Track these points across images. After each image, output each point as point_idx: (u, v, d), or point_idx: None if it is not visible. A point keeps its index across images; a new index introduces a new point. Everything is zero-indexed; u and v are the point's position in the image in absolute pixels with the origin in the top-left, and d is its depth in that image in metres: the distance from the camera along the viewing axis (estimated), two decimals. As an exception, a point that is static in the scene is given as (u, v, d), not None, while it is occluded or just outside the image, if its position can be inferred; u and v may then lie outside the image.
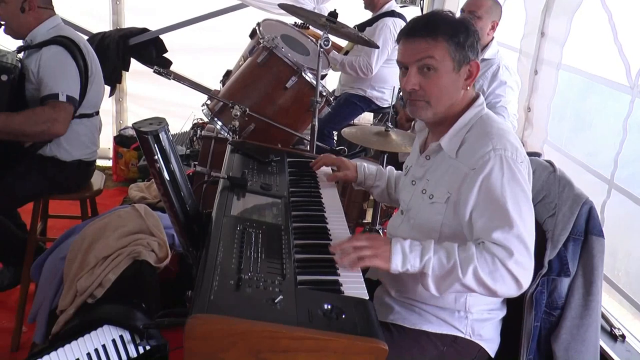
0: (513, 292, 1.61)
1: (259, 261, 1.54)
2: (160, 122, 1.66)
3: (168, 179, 1.66)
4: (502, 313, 1.87)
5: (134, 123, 1.64)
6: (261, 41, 2.96)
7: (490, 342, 1.85)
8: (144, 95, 5.16)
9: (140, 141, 1.62)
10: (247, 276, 1.45)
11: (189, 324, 1.28)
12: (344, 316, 1.39)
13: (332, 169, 2.31)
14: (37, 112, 2.73)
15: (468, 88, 1.76)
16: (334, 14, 2.83)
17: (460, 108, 1.78)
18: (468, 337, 1.80)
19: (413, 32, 1.72)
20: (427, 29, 1.70)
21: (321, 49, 2.77)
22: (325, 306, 1.41)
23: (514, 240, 1.58)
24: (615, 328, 2.41)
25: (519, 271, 1.57)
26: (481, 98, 1.81)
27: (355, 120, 4.70)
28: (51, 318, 2.40)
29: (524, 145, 3.61)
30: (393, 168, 2.28)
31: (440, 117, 1.78)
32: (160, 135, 1.61)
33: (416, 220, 1.82)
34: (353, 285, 1.56)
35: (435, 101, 1.73)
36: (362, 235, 1.70)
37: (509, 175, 1.63)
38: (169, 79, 2.74)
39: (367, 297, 1.52)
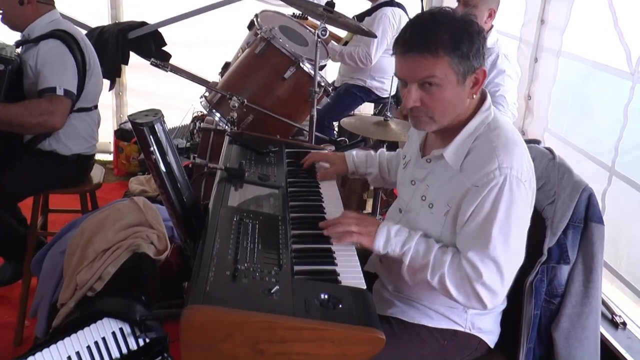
0: (477, 308, 1.64)
1: (255, 252, 1.54)
2: (156, 113, 1.66)
3: (164, 170, 1.66)
4: (503, 306, 1.85)
5: (130, 115, 1.63)
6: (259, 32, 2.95)
7: (490, 334, 1.84)
8: (144, 89, 5.15)
9: (135, 133, 1.62)
10: (243, 267, 1.45)
11: (185, 315, 1.28)
12: (340, 306, 1.39)
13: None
14: (34, 104, 2.73)
15: (474, 96, 1.65)
16: (331, 4, 2.82)
17: (466, 115, 1.68)
18: (468, 331, 1.79)
19: (410, 47, 1.56)
20: (425, 44, 1.54)
21: (319, 39, 2.75)
22: (322, 296, 1.41)
23: (488, 262, 1.56)
24: (616, 315, 2.40)
25: (485, 293, 1.58)
26: (488, 101, 1.70)
27: (355, 111, 4.68)
28: (52, 312, 2.40)
29: (524, 134, 3.62)
30: (384, 150, 2.24)
31: (446, 126, 1.68)
32: (155, 126, 1.61)
33: (416, 226, 1.75)
34: (351, 275, 1.55)
35: (440, 116, 1.63)
36: (353, 213, 1.74)
37: (508, 196, 1.56)
38: (166, 71, 2.73)
39: (365, 287, 1.51)
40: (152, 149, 1.61)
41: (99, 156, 4.86)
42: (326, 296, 1.41)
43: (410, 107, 1.63)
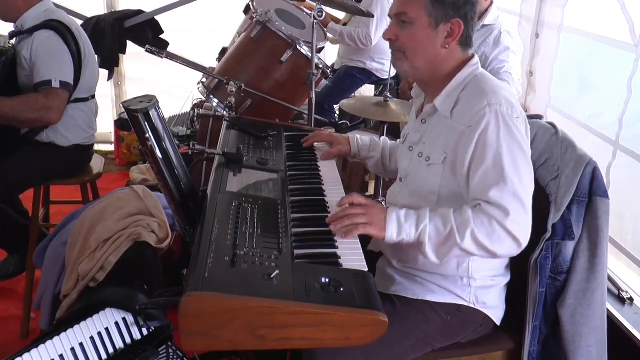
0: (513, 251, 1.61)
1: (255, 236, 1.51)
2: (151, 99, 1.64)
3: (161, 157, 1.64)
4: (506, 279, 1.84)
5: (124, 102, 1.62)
6: (254, 16, 2.92)
7: (494, 309, 1.82)
8: (143, 78, 5.11)
9: (131, 120, 1.61)
10: (242, 252, 1.43)
11: (184, 302, 1.26)
12: (342, 289, 1.37)
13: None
14: (31, 99, 2.71)
15: (447, 47, 1.71)
16: (327, -15, 2.77)
17: (451, 68, 1.74)
18: (472, 306, 1.78)
19: None
20: None
21: (315, 21, 2.71)
22: (323, 279, 1.38)
23: (510, 199, 1.56)
24: (622, 291, 2.37)
25: (517, 230, 1.56)
26: (476, 58, 1.77)
27: (356, 93, 4.64)
28: (55, 304, 2.40)
29: (527, 111, 3.58)
30: (387, 138, 2.25)
31: (423, 73, 1.76)
32: (150, 112, 1.59)
33: (414, 186, 1.80)
34: (352, 257, 1.53)
35: (411, 54, 1.73)
36: (358, 197, 1.69)
37: (505, 130, 1.60)
38: (162, 57, 2.70)
39: (367, 269, 1.49)
40: (147, 135, 1.59)
41: (100, 147, 4.89)
42: (327, 280, 1.39)
43: (387, 40, 1.77)
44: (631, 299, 2.35)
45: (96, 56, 3.16)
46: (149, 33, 4.70)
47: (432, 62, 1.73)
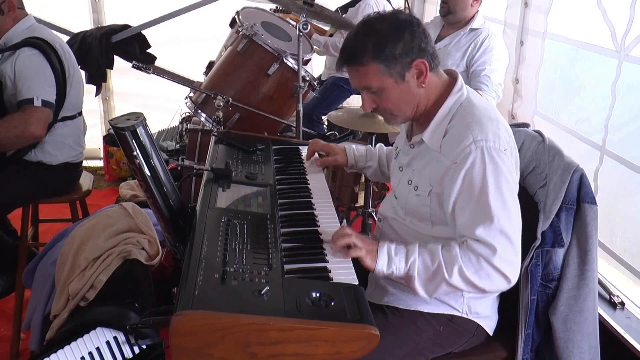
0: (502, 287, 1.62)
1: (245, 253, 1.51)
2: (138, 117, 1.63)
3: (149, 174, 1.64)
4: (498, 289, 1.84)
5: (111, 120, 1.61)
6: (240, 30, 2.92)
7: (487, 319, 1.83)
8: (131, 93, 5.11)
9: (118, 138, 1.60)
10: (232, 269, 1.43)
11: (175, 322, 1.25)
12: (333, 303, 1.37)
13: (319, 154, 2.27)
14: (8, 119, 2.69)
15: (424, 85, 1.69)
16: (311, -3, 2.78)
17: (436, 97, 1.74)
18: (465, 316, 1.79)
19: (344, 61, 1.71)
20: (352, 59, 1.68)
21: (300, 34, 2.72)
22: (314, 294, 1.39)
23: (497, 236, 1.57)
24: (614, 296, 2.38)
25: (505, 267, 1.57)
26: (459, 82, 1.75)
27: (344, 104, 4.65)
28: (46, 324, 2.37)
29: (514, 118, 3.60)
30: (383, 145, 2.24)
31: (413, 116, 1.77)
32: (138, 130, 1.58)
33: (408, 209, 1.80)
34: (342, 271, 1.53)
35: (398, 112, 1.74)
36: (351, 231, 1.67)
37: (492, 167, 1.59)
38: (149, 73, 2.70)
39: (357, 283, 1.49)
40: (135, 153, 1.59)
41: (89, 163, 4.86)
42: (318, 294, 1.39)
43: (371, 111, 1.78)
44: (623, 304, 2.36)
45: (82, 72, 3.15)
46: (136, 48, 4.69)
47: (417, 103, 1.73)
